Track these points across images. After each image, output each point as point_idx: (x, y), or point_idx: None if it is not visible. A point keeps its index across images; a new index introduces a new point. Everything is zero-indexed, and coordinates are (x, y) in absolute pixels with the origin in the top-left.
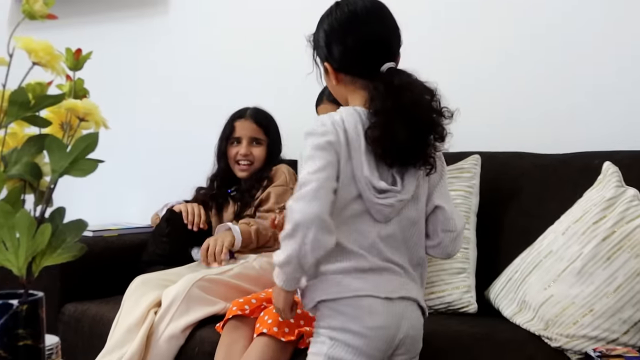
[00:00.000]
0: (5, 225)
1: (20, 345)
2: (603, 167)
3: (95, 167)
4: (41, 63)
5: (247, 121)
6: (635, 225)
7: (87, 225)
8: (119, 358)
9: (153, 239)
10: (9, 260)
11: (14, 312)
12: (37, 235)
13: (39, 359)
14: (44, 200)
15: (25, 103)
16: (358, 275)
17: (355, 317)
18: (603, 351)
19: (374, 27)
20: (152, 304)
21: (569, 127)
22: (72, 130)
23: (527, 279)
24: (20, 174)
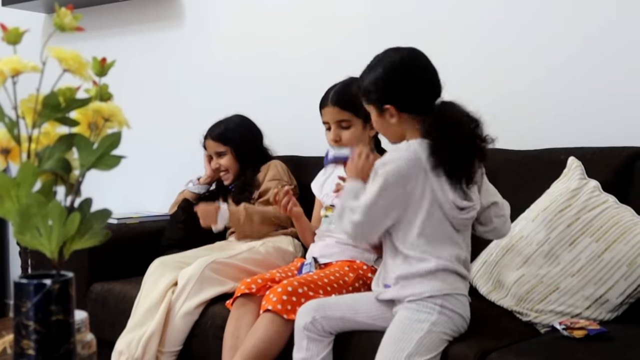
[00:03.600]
0: (39, 214)
1: (52, 320)
2: (568, 162)
3: (119, 162)
4: (71, 70)
5: (207, 141)
6: (596, 213)
7: (111, 214)
8: (142, 335)
9: (170, 225)
10: (42, 245)
11: (47, 291)
12: (67, 222)
13: (69, 332)
14: (73, 191)
15: (56, 106)
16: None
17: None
18: (568, 324)
19: (422, 70)
20: (170, 284)
21: (538, 125)
22: (98, 129)
23: (501, 261)
24: (53, 168)
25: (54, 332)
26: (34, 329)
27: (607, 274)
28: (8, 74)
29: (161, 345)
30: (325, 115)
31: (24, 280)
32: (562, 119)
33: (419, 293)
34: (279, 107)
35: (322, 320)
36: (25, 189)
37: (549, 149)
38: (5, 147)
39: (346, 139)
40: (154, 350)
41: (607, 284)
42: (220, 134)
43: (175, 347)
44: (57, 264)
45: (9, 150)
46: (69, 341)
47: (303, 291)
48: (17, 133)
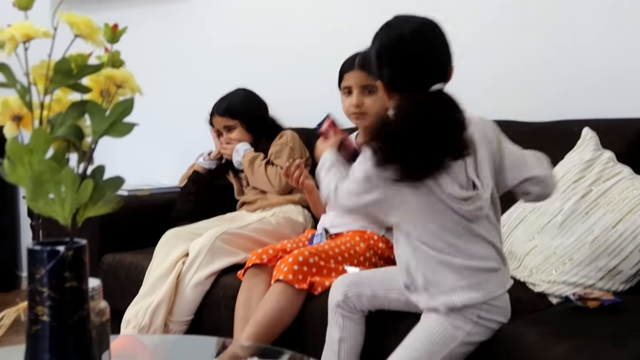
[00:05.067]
0: (52, 181)
1: (66, 287)
2: (582, 133)
3: (131, 129)
4: (82, 35)
5: (216, 118)
6: (610, 184)
7: (124, 181)
8: (150, 303)
9: (181, 197)
10: (55, 212)
11: (61, 258)
12: (80, 189)
13: (83, 299)
14: (86, 158)
15: (68, 72)
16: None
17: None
18: (581, 295)
19: (421, 48)
20: (181, 255)
21: (552, 97)
22: (110, 96)
23: (514, 232)
24: (65, 135)
25: (67, 299)
26: (48, 295)
27: (621, 245)
28: (19, 40)
29: (171, 315)
30: (348, 80)
31: (37, 247)
32: (576, 91)
33: (452, 304)
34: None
35: (353, 299)
36: (37, 156)
37: (563, 121)
38: (17, 114)
39: (368, 105)
40: (162, 319)
41: (621, 255)
42: (227, 108)
43: (185, 317)
44: (70, 231)
45: (20, 117)
46: (83, 308)
47: (314, 261)
48: (28, 100)
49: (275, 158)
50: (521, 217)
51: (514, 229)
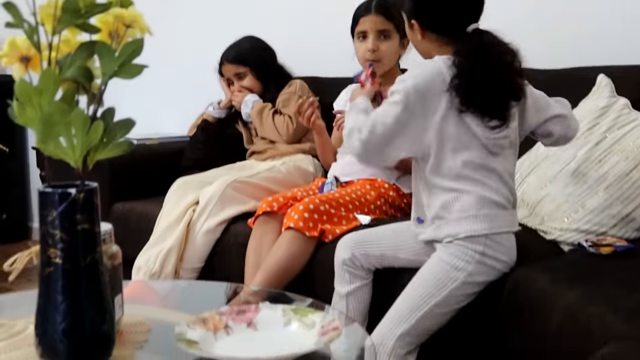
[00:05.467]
0: (62, 122)
1: (78, 229)
2: (597, 79)
3: (141, 70)
4: None
5: (226, 65)
6: (625, 131)
7: (135, 123)
8: (160, 250)
9: (190, 146)
10: (66, 154)
11: (73, 200)
12: (90, 131)
13: (95, 241)
14: (95, 100)
15: (76, 11)
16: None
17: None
18: (595, 241)
19: None
20: (191, 203)
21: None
22: (119, 37)
23: (526, 179)
24: (74, 76)
25: (79, 241)
26: (60, 237)
27: (635, 192)
28: None
29: (182, 262)
30: (364, 24)
31: (48, 189)
32: (591, 37)
33: (456, 233)
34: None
35: (361, 258)
36: (47, 97)
37: (578, 68)
38: (25, 54)
39: (384, 50)
40: (172, 266)
41: (635, 202)
42: (236, 55)
43: (196, 264)
44: (81, 174)
45: (29, 58)
46: (95, 250)
47: (325, 209)
48: (37, 40)
49: (283, 107)
50: (534, 165)
51: (526, 177)
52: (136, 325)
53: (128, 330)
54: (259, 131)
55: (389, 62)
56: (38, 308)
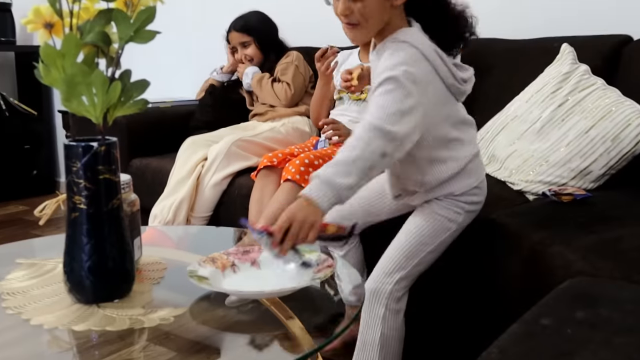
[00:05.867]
0: (84, 82)
1: (100, 179)
2: (561, 48)
3: (154, 36)
4: None
5: (232, 33)
6: (585, 94)
7: (149, 84)
8: (172, 201)
9: (199, 108)
10: (88, 111)
11: (95, 152)
12: (109, 91)
13: (115, 190)
14: (113, 63)
15: None
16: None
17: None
18: (557, 191)
19: None
20: (200, 159)
21: (533, 16)
22: (134, 5)
23: (496, 137)
24: (94, 41)
25: (102, 189)
26: (84, 186)
27: (592, 148)
28: None
29: (192, 211)
30: None
31: (73, 143)
32: (556, 11)
33: (451, 192)
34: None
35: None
36: (69, 59)
37: (544, 38)
38: (48, 21)
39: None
40: (184, 215)
41: (592, 157)
42: (244, 25)
43: (205, 213)
44: (102, 129)
45: (52, 24)
46: (116, 197)
47: (319, 163)
48: (59, 8)
49: (282, 75)
50: (503, 125)
51: (496, 135)
52: (153, 264)
53: (146, 269)
54: (259, 97)
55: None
56: (66, 249)
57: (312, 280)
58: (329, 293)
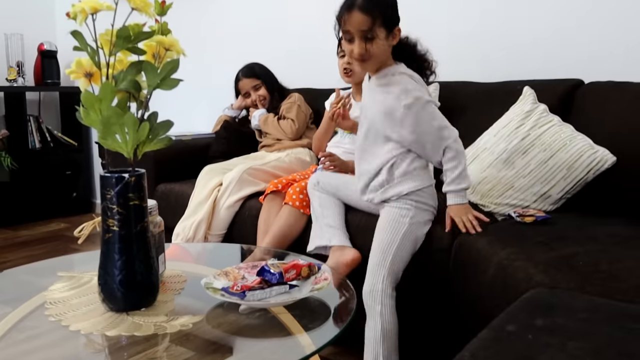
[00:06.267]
0: (117, 123)
1: (130, 205)
2: (523, 90)
3: (178, 83)
4: (138, 9)
5: (243, 80)
6: (544, 129)
7: (173, 124)
8: (193, 221)
9: (215, 141)
10: (121, 147)
11: (126, 182)
12: (139, 130)
13: (144, 214)
14: (143, 106)
15: (127, 38)
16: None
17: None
18: (520, 212)
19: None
20: (216, 185)
21: (500, 62)
22: (160, 57)
23: (469, 166)
24: (127, 88)
25: (132, 214)
26: (117, 211)
27: (551, 175)
28: (89, 12)
29: (210, 230)
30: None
31: (108, 174)
32: (519, 58)
33: (400, 192)
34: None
35: (323, 184)
36: (106, 104)
37: (509, 81)
38: (88, 71)
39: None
40: (203, 233)
41: (551, 183)
42: (251, 71)
43: (220, 231)
44: (132, 162)
45: (91, 74)
46: (144, 220)
47: None
48: (97, 60)
49: (287, 113)
50: (475, 155)
51: (469, 164)
52: (175, 277)
53: (169, 281)
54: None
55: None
56: (100, 264)
57: (311, 291)
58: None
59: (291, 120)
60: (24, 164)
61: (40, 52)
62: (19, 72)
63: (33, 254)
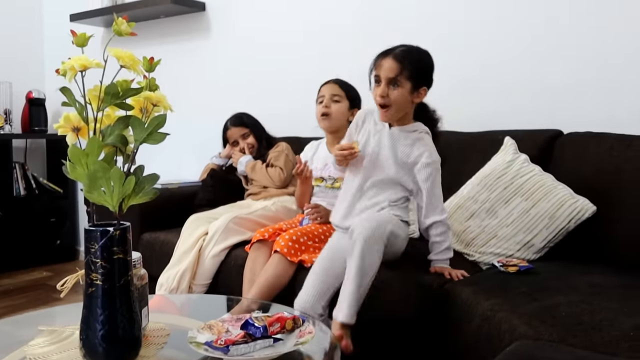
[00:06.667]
0: (104, 177)
1: (114, 258)
2: (505, 140)
3: (164, 137)
4: (126, 66)
5: (231, 129)
6: (525, 179)
7: (159, 177)
8: (178, 270)
9: (202, 189)
10: (106, 201)
11: (111, 236)
12: (125, 184)
13: (127, 268)
14: (129, 160)
15: (116, 94)
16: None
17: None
18: (504, 262)
19: None
20: (202, 234)
21: (482, 112)
22: (148, 112)
23: (453, 215)
24: (113, 142)
25: (116, 267)
26: (101, 264)
27: (533, 224)
28: (78, 69)
29: (194, 279)
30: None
31: (92, 228)
32: (500, 109)
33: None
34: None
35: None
36: (92, 158)
37: (490, 131)
38: (76, 126)
39: (335, 111)
40: (187, 283)
41: (533, 232)
42: (239, 120)
43: (205, 281)
44: (117, 216)
45: (79, 128)
46: (127, 274)
47: (303, 240)
48: (85, 115)
49: (275, 161)
50: (459, 204)
51: (453, 213)
52: (158, 330)
53: (152, 335)
54: (253, 180)
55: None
56: (82, 318)
57: (295, 345)
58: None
59: (280, 169)
60: (8, 211)
61: (28, 99)
62: (6, 120)
63: (14, 303)
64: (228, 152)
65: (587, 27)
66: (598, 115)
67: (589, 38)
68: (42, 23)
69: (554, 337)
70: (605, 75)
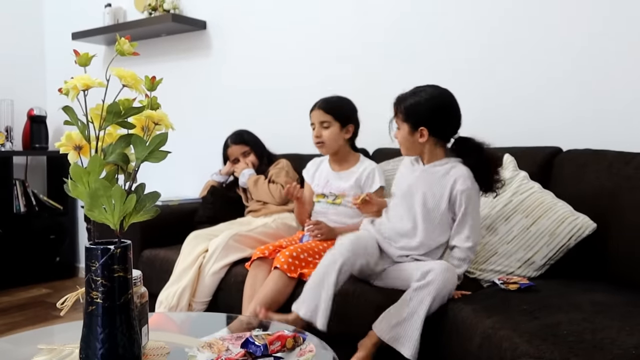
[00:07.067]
0: (105, 195)
1: (115, 276)
2: (504, 158)
3: (166, 156)
4: (128, 85)
5: (232, 147)
6: (525, 196)
7: (160, 195)
8: (178, 288)
9: (202, 206)
10: (107, 219)
11: (111, 254)
12: (126, 202)
13: (128, 285)
14: (130, 178)
15: (117, 112)
16: None
17: None
18: (504, 279)
19: (457, 110)
20: (202, 251)
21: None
22: (149, 131)
23: None
24: (115, 160)
25: (116, 285)
26: (101, 283)
27: (534, 242)
28: (80, 88)
29: (194, 297)
30: (312, 118)
31: (93, 246)
32: (500, 126)
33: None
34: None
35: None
36: (94, 176)
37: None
38: (78, 144)
39: (326, 136)
40: (187, 300)
41: (534, 250)
42: (240, 138)
43: (205, 298)
44: (118, 234)
45: (81, 147)
46: (128, 292)
47: (304, 257)
48: (87, 134)
49: (276, 178)
50: None
51: None
52: (158, 349)
53: (151, 353)
54: (254, 196)
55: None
56: (82, 337)
57: None
58: None
59: (280, 186)
60: (8, 228)
61: (29, 117)
62: (7, 137)
63: (14, 321)
64: (228, 169)
65: (587, 46)
66: (597, 132)
67: (588, 57)
68: (43, 41)
69: (556, 355)
70: (605, 92)
